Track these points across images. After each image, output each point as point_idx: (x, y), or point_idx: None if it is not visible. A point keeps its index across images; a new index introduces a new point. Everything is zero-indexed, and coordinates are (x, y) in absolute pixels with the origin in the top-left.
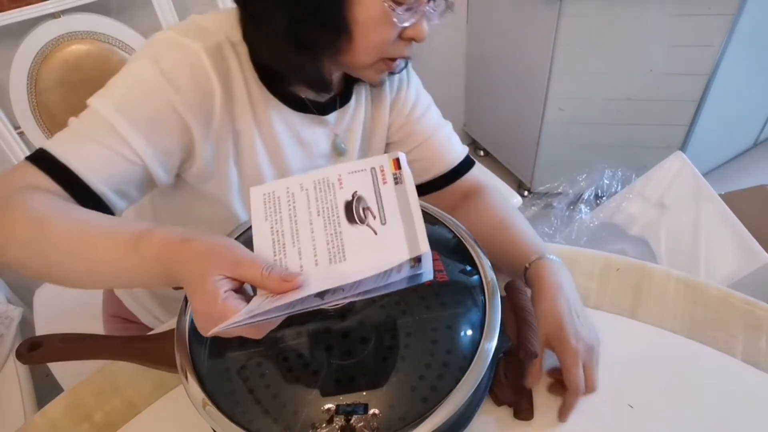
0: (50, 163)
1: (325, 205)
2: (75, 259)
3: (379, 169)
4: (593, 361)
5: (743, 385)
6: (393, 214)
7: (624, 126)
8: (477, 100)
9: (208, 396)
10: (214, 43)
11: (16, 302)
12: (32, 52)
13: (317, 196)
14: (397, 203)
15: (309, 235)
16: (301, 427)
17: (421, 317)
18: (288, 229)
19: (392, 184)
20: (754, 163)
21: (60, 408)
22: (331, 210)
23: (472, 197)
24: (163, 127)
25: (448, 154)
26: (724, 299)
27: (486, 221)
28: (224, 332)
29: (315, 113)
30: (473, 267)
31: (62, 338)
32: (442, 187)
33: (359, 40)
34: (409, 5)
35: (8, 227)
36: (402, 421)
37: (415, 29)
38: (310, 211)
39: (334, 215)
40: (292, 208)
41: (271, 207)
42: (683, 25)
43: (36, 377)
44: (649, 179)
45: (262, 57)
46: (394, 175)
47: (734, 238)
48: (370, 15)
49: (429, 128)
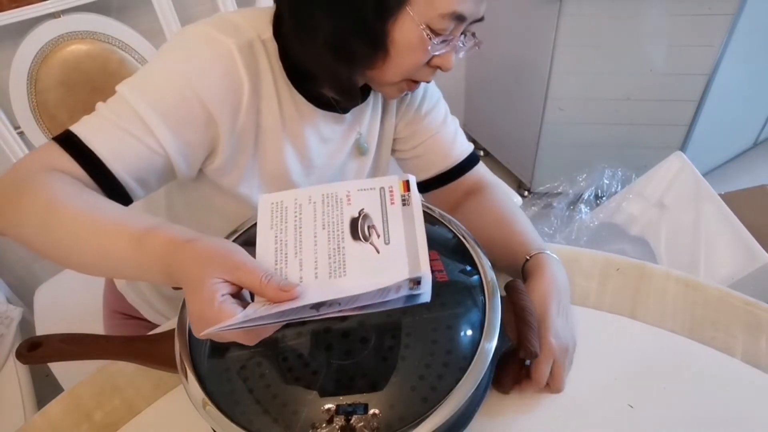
0: (76, 146)
1: (332, 219)
2: (83, 246)
3: (388, 189)
4: (565, 362)
5: (743, 385)
6: (397, 234)
7: (624, 126)
8: (477, 100)
9: (208, 396)
10: (246, 40)
11: (16, 302)
12: (32, 52)
13: (324, 210)
14: (402, 224)
15: (312, 247)
16: (301, 427)
17: (421, 317)
18: (291, 240)
19: (400, 205)
20: (754, 163)
21: (60, 408)
22: (336, 225)
23: (475, 194)
24: (190, 121)
25: (453, 151)
26: (724, 299)
27: (488, 218)
28: (217, 335)
29: (340, 112)
30: (473, 267)
31: (62, 338)
32: (446, 183)
33: (393, 59)
34: (444, 37)
35: (26, 207)
36: (402, 421)
37: (444, 59)
38: (315, 224)
39: (339, 230)
40: (298, 219)
41: (278, 216)
42: (683, 25)
43: (36, 377)
44: (649, 179)
45: (298, 59)
46: (403, 197)
47: (734, 238)
48: (407, 38)
49: (435, 124)
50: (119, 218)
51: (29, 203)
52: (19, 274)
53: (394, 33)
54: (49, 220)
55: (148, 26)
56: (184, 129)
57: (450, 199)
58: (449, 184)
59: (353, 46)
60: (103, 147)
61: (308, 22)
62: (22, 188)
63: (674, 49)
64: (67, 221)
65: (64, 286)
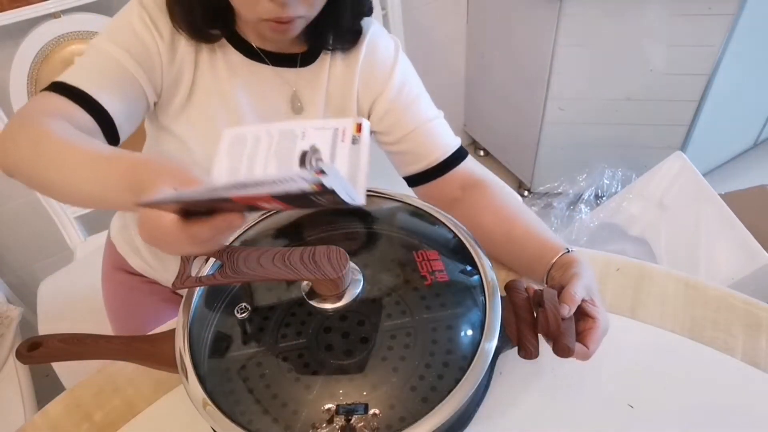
0: (68, 90)
1: (284, 151)
2: (64, 170)
3: (341, 129)
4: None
5: (743, 385)
6: (341, 166)
7: (624, 126)
8: (477, 100)
9: (208, 396)
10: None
11: (16, 302)
12: (32, 52)
13: (279, 142)
14: (348, 159)
15: (262, 172)
16: (301, 427)
17: (421, 317)
18: (244, 167)
19: (349, 143)
20: (754, 163)
21: (60, 408)
22: (286, 155)
23: (473, 189)
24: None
25: (439, 146)
26: (724, 299)
27: (494, 214)
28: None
29: (267, 63)
30: (473, 267)
31: (62, 338)
32: (436, 177)
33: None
34: None
35: (25, 143)
36: (402, 421)
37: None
38: (267, 154)
39: (287, 160)
40: (254, 148)
41: (236, 146)
42: (683, 25)
43: (36, 377)
44: (649, 179)
45: None
46: (353, 137)
47: (734, 238)
48: None
49: (418, 118)
50: (97, 148)
51: (26, 139)
52: (19, 274)
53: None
54: (40, 149)
55: None
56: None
57: (445, 195)
58: (442, 176)
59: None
60: (88, 83)
61: None
62: (24, 129)
63: (674, 49)
64: (53, 147)
65: (67, 281)
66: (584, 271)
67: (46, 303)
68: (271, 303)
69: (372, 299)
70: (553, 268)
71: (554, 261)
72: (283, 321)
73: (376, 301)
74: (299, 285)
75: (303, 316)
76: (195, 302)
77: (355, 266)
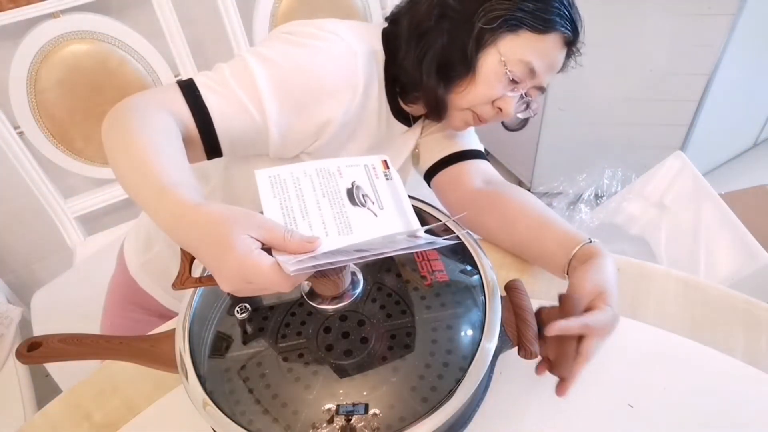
0: (193, 94)
1: (329, 189)
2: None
3: (371, 166)
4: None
5: (743, 385)
6: (388, 202)
7: (624, 126)
8: None
9: (208, 396)
10: (370, 48)
11: (16, 302)
12: (32, 52)
13: (320, 181)
14: (390, 195)
15: (317, 212)
16: (301, 427)
17: (421, 317)
18: (296, 206)
19: (384, 180)
20: (754, 163)
21: (60, 408)
22: (334, 193)
23: (497, 184)
24: (301, 110)
25: (465, 138)
26: (724, 299)
27: (521, 204)
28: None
29: (411, 125)
30: (473, 267)
31: (62, 338)
32: (459, 161)
33: (475, 85)
34: (518, 81)
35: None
36: (402, 421)
37: (507, 101)
38: (315, 193)
39: (338, 198)
40: (298, 188)
41: (278, 187)
42: (683, 25)
43: (36, 377)
44: (649, 179)
45: (403, 71)
46: (385, 173)
47: (734, 238)
48: (490, 69)
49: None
50: (164, 165)
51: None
52: (19, 274)
53: (482, 62)
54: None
55: (148, 26)
56: (293, 114)
57: (466, 182)
58: (465, 161)
59: (453, 65)
60: (214, 103)
61: (422, 39)
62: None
63: (674, 49)
64: (133, 148)
65: (61, 291)
66: (600, 266)
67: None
68: (270, 303)
69: (372, 299)
70: (574, 258)
71: (575, 252)
72: (283, 321)
73: (376, 301)
74: (299, 285)
75: (303, 316)
76: (195, 302)
77: (354, 266)
